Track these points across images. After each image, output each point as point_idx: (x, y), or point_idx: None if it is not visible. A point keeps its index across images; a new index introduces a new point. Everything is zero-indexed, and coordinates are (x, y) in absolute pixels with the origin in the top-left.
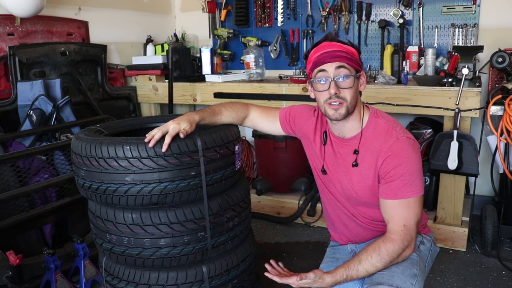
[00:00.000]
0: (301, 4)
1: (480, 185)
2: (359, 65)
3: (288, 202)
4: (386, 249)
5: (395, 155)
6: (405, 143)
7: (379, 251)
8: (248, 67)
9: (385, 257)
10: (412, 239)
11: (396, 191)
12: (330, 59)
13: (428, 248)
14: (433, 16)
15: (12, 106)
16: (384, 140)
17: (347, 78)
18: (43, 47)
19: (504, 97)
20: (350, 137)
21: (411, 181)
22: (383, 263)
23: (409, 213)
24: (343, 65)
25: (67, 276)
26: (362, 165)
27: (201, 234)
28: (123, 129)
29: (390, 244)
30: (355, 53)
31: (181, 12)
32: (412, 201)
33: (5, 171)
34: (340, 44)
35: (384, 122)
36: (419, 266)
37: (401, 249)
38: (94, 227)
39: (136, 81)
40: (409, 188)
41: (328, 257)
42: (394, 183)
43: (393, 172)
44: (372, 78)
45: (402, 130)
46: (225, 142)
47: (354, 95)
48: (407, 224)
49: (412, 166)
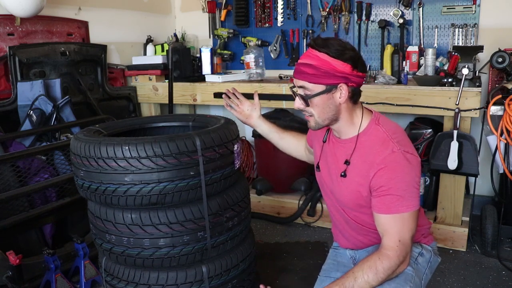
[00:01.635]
0: (301, 4)
1: (480, 185)
2: (334, 77)
3: (288, 202)
4: (382, 267)
5: (388, 168)
6: (400, 156)
7: (376, 269)
8: (248, 67)
9: (381, 275)
10: (407, 254)
11: (389, 205)
12: (295, 74)
13: (427, 260)
14: (433, 16)
15: (12, 106)
16: (378, 151)
17: (302, 98)
18: (43, 47)
19: (504, 97)
20: (345, 138)
21: (405, 196)
22: (378, 280)
23: (403, 227)
24: (303, 86)
25: (67, 276)
26: (352, 172)
27: (200, 234)
28: (122, 129)
29: (387, 261)
30: (331, 66)
31: (181, 12)
32: (407, 216)
33: (5, 171)
34: (316, 54)
35: (383, 131)
36: (413, 282)
37: (396, 265)
38: (94, 227)
39: (136, 81)
40: (403, 203)
41: (330, 259)
42: (387, 197)
43: (386, 186)
44: (372, 78)
45: (401, 142)
46: (224, 142)
47: (322, 111)
48: (402, 240)
49: (407, 181)
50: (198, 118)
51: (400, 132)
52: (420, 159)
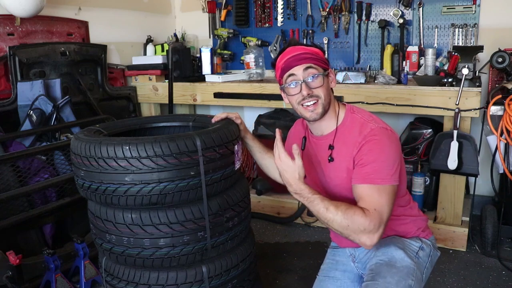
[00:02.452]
0: (301, 4)
1: (480, 185)
2: (325, 63)
3: (288, 202)
4: (353, 215)
5: (368, 141)
6: (379, 131)
7: (348, 212)
8: (248, 67)
9: (347, 221)
10: (377, 230)
11: (366, 175)
12: (296, 62)
13: (428, 254)
14: (433, 16)
15: (12, 106)
16: (359, 132)
17: (317, 77)
18: (43, 47)
19: (504, 97)
20: (327, 133)
21: (382, 167)
22: (341, 224)
23: (380, 199)
24: (310, 66)
25: (67, 276)
26: (337, 158)
27: (200, 234)
28: (122, 129)
29: (362, 216)
30: (320, 53)
31: (181, 12)
32: (383, 188)
33: (5, 171)
34: (303, 47)
35: (360, 117)
36: (415, 276)
37: (364, 227)
38: (94, 227)
39: (136, 81)
40: (380, 175)
41: (328, 258)
42: (365, 168)
43: (365, 158)
44: (372, 78)
45: (377, 121)
46: (224, 142)
47: (327, 92)
48: (378, 209)
49: (385, 153)
50: (198, 118)
51: (375, 116)
52: (398, 136)
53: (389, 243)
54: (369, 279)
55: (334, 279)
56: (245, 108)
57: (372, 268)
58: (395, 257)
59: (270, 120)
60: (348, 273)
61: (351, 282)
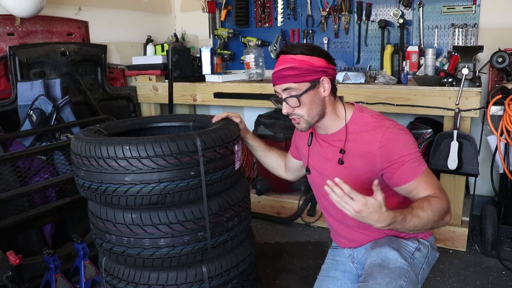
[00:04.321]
0: (301, 4)
1: (480, 185)
2: (315, 73)
3: (288, 202)
4: (437, 205)
5: (392, 142)
6: (395, 129)
7: (433, 206)
8: (248, 67)
9: (439, 212)
10: (448, 199)
11: (412, 171)
12: (276, 80)
13: (425, 255)
14: (433, 16)
15: (12, 106)
16: (374, 132)
17: (294, 99)
18: (43, 47)
19: (504, 97)
20: (333, 132)
21: (418, 157)
22: (435, 216)
23: (433, 180)
24: (288, 87)
25: (67, 276)
26: (349, 160)
27: (201, 234)
28: (123, 129)
29: (437, 201)
30: (308, 63)
31: (181, 12)
32: (427, 171)
33: (5, 171)
34: (292, 57)
35: (370, 116)
36: (407, 277)
37: (447, 206)
38: (94, 227)
39: (136, 81)
40: (420, 163)
41: (329, 258)
42: (406, 166)
43: (399, 157)
44: (372, 78)
45: (389, 120)
46: (224, 142)
47: (311, 107)
48: (439, 187)
49: (412, 146)
50: (198, 118)
51: (383, 115)
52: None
53: (384, 244)
54: (361, 280)
55: (335, 279)
56: (245, 108)
57: (366, 269)
58: (388, 258)
59: (270, 120)
60: (348, 273)
61: (351, 283)
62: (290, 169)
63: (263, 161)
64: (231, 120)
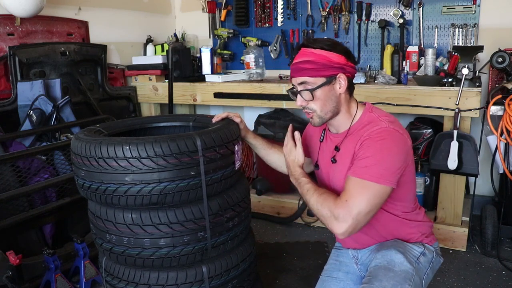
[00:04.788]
0: (301, 4)
1: (480, 185)
2: (333, 69)
3: (288, 202)
4: (328, 200)
5: (371, 137)
6: (386, 131)
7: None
8: (248, 67)
9: (319, 203)
10: (346, 219)
11: (356, 169)
12: (294, 73)
13: (429, 260)
14: (433, 16)
15: (12, 106)
16: (367, 128)
17: (307, 93)
18: (43, 47)
19: (504, 97)
20: (342, 131)
21: (375, 165)
22: (314, 206)
23: (358, 194)
24: (304, 81)
25: (67, 276)
26: (342, 158)
27: (201, 234)
28: (123, 129)
29: (331, 202)
30: (327, 58)
31: (181, 12)
32: (368, 184)
33: (5, 171)
34: (311, 51)
35: (377, 116)
36: (412, 281)
37: (331, 213)
38: (94, 227)
39: (136, 81)
40: (370, 171)
41: (332, 258)
42: (359, 162)
43: (362, 152)
44: (372, 78)
45: (394, 123)
46: (224, 142)
47: (325, 103)
48: (350, 201)
49: (384, 152)
50: (198, 118)
51: (392, 117)
52: (411, 143)
53: (390, 247)
54: (366, 281)
55: (337, 280)
56: (245, 108)
57: (371, 270)
58: (394, 261)
59: (270, 120)
60: (351, 274)
61: (353, 284)
62: None
63: (266, 159)
64: (231, 120)
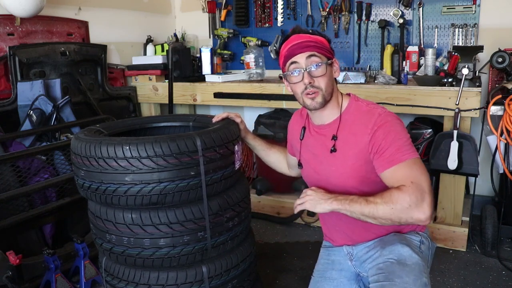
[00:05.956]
0: (301, 4)
1: (480, 185)
2: (330, 52)
3: (288, 202)
4: (395, 194)
5: (382, 127)
6: (388, 116)
7: (388, 194)
8: (248, 67)
9: (389, 202)
10: (423, 199)
11: (390, 159)
12: (300, 49)
13: (428, 247)
14: (433, 16)
15: (12, 106)
16: (367, 119)
17: (319, 66)
18: (43, 47)
19: (504, 97)
20: (329, 122)
21: (401, 145)
22: (386, 209)
23: (412, 172)
24: (313, 54)
25: (67, 276)
26: (342, 147)
27: (201, 234)
28: (123, 129)
29: (400, 193)
30: (324, 41)
31: (181, 12)
32: (410, 162)
33: (5, 171)
34: (308, 35)
35: (365, 105)
36: (426, 272)
37: (407, 202)
38: (94, 227)
39: (136, 81)
40: (402, 152)
41: (323, 258)
42: (386, 152)
43: (384, 143)
44: (372, 78)
45: (381, 108)
46: (224, 142)
47: (329, 82)
48: (415, 181)
49: (399, 132)
50: (198, 118)
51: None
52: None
53: (392, 241)
54: (381, 279)
55: (330, 279)
56: (245, 108)
57: (382, 267)
58: (403, 255)
59: (270, 120)
60: (344, 272)
61: (347, 281)
62: (290, 166)
63: (266, 159)
64: (231, 120)
